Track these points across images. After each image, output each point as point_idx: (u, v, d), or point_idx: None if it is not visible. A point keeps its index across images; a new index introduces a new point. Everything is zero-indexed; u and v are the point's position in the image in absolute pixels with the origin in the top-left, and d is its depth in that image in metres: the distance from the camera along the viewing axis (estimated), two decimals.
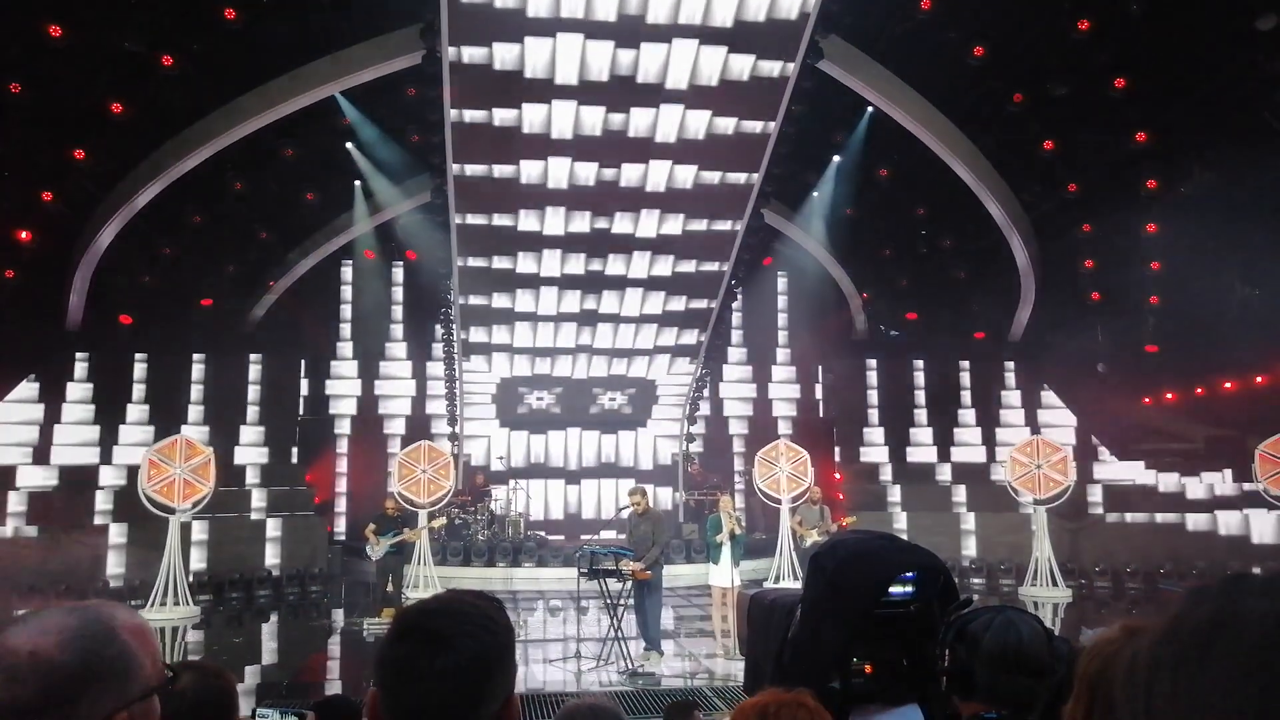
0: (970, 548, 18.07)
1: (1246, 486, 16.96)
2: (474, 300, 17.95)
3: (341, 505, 20.69)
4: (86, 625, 1.22)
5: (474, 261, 17.13)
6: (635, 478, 19.67)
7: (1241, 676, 0.71)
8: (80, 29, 14.65)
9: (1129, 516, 18.24)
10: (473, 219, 16.20)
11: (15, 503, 16.26)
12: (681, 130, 14.70)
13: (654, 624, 10.21)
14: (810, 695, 1.82)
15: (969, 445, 21.83)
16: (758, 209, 16.46)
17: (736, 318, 22.42)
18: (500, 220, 16.37)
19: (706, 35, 13.21)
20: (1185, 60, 16.03)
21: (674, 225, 16.55)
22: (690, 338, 19.22)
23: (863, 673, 2.45)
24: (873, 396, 22.25)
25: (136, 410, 19.21)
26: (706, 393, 21.83)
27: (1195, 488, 18.79)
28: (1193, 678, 0.73)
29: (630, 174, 15.53)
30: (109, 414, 18.91)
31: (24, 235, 16.87)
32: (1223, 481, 18.66)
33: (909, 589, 2.48)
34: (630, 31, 13.16)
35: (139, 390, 19.41)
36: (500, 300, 17.95)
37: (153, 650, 1.29)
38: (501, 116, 14.43)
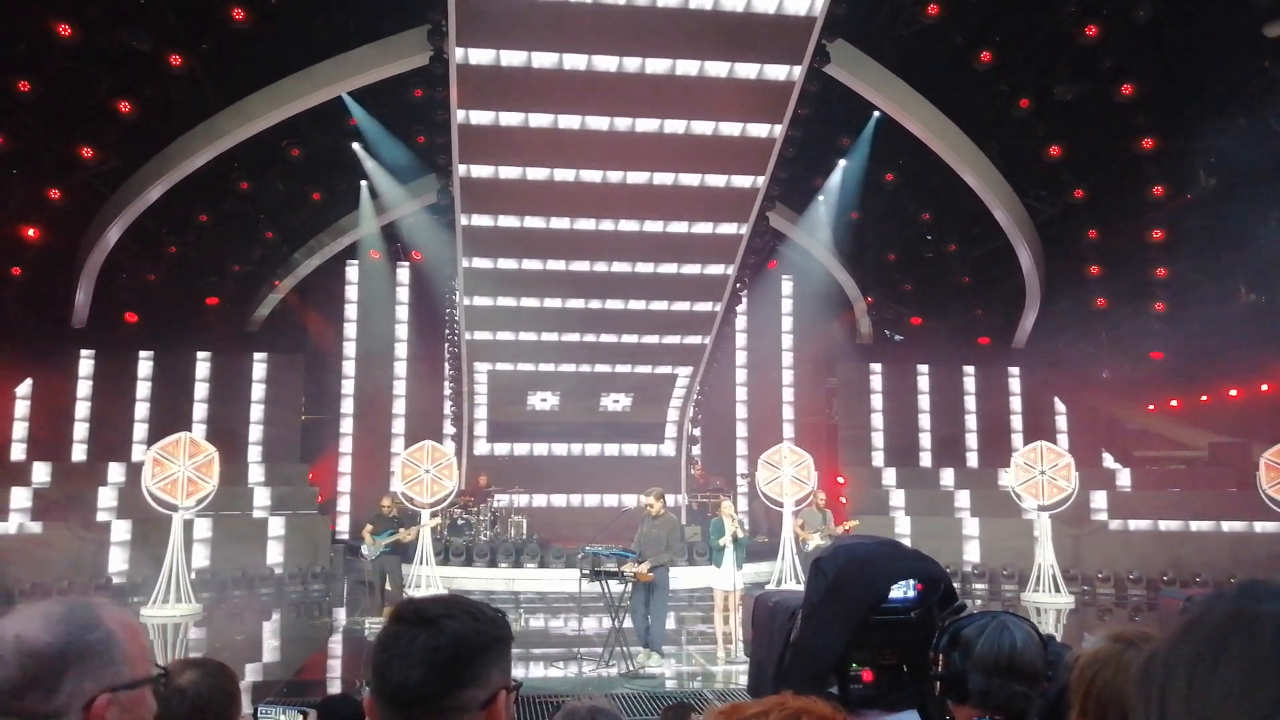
0: (973, 553, 18.03)
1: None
2: (479, 301, 17.97)
3: (344, 504, 20.73)
4: (71, 611, 1.27)
5: (479, 262, 17.15)
6: (641, 482, 19.53)
7: (1256, 676, 0.72)
8: (89, 28, 14.70)
9: (1132, 523, 18.19)
10: (478, 220, 16.23)
11: (20, 499, 16.30)
12: (688, 133, 14.71)
13: (658, 626, 10.21)
14: (791, 696, 1.82)
15: (972, 450, 21.81)
16: (763, 212, 16.47)
17: (741, 320, 22.44)
18: (506, 221, 16.40)
19: (714, 38, 13.21)
20: (1192, 66, 16.02)
21: (680, 227, 16.55)
22: (695, 340, 19.22)
23: (860, 679, 2.45)
24: (877, 400, 22.22)
25: (141, 408, 19.27)
26: (711, 395, 21.81)
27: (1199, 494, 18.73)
28: (1208, 677, 0.75)
29: (636, 176, 15.54)
30: (113, 411, 18.96)
31: (31, 233, 16.92)
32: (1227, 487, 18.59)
33: (910, 595, 2.47)
34: (638, 34, 13.18)
35: (144, 388, 19.46)
36: (505, 301, 17.97)
37: (141, 644, 1.33)
38: (507, 118, 14.45)
